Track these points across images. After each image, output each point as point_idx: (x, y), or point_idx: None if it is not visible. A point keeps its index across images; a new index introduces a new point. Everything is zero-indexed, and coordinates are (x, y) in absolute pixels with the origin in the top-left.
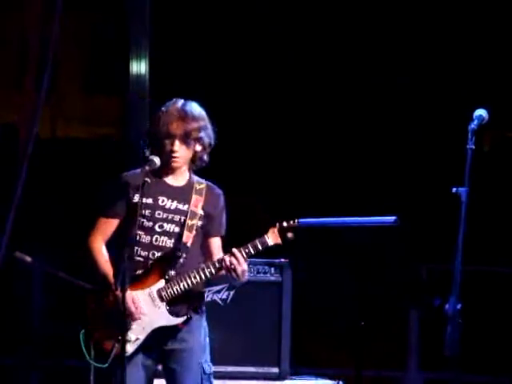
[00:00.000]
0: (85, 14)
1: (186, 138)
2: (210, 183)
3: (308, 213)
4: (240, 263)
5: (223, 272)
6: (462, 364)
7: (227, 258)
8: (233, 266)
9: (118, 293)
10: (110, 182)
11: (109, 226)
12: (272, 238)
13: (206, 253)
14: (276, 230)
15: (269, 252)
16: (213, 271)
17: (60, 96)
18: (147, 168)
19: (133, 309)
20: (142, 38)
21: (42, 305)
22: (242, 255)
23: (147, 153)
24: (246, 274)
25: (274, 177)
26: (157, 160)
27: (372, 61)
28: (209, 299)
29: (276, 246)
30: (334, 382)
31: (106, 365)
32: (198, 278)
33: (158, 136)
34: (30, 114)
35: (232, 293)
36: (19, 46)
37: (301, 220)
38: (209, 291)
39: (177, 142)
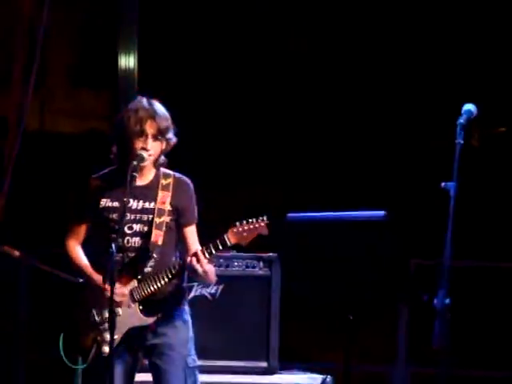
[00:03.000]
0: (73, 7)
1: (158, 137)
2: (177, 175)
3: (297, 207)
4: (201, 264)
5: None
6: (450, 359)
7: (189, 259)
8: (195, 267)
9: (106, 288)
10: (80, 186)
11: (81, 230)
12: (232, 237)
13: (184, 244)
14: (235, 229)
15: (257, 246)
16: (178, 272)
17: (48, 90)
18: (135, 163)
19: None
20: (130, 32)
21: (28, 299)
22: (205, 255)
23: (113, 151)
24: (212, 274)
25: (263, 173)
26: (145, 155)
27: (361, 57)
28: (198, 293)
29: (238, 245)
30: (322, 376)
31: (85, 365)
32: (166, 278)
33: (128, 135)
34: (17, 103)
35: (221, 287)
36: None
37: (290, 215)
38: (198, 286)
39: (150, 141)
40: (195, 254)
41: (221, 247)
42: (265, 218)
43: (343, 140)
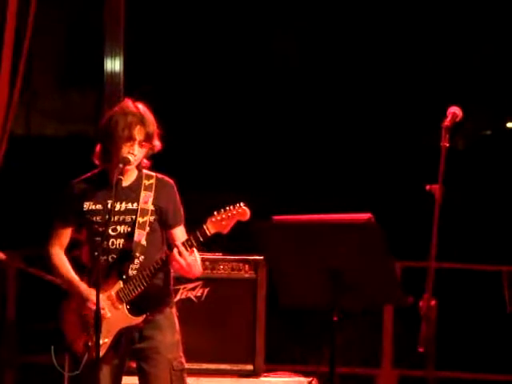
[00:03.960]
0: (59, 10)
1: (145, 142)
2: (160, 176)
3: (282, 210)
4: (184, 257)
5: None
6: (436, 361)
7: (172, 253)
8: (178, 261)
9: (89, 295)
10: (62, 190)
11: (63, 234)
12: (211, 227)
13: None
14: (214, 218)
15: (243, 249)
16: (161, 267)
17: (34, 93)
18: (121, 166)
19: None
20: (116, 35)
21: (16, 301)
22: (186, 248)
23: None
24: (196, 267)
25: (248, 174)
26: (131, 158)
27: (347, 60)
28: (183, 297)
29: (219, 233)
30: (307, 379)
31: (78, 372)
32: (150, 274)
33: (116, 139)
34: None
35: (207, 290)
36: None
37: (275, 217)
38: (183, 288)
39: (136, 146)
40: (176, 247)
41: (201, 238)
42: (242, 204)
43: (330, 143)
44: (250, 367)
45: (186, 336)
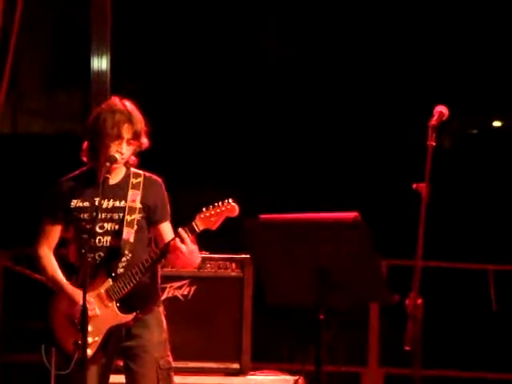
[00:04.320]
0: (46, 8)
1: (133, 140)
2: (148, 174)
3: (269, 209)
4: (186, 243)
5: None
6: (422, 359)
7: (173, 241)
8: (180, 247)
9: (76, 296)
10: (50, 189)
11: (52, 233)
12: (200, 223)
13: (160, 241)
14: (202, 215)
15: (230, 248)
16: (151, 265)
17: (21, 91)
18: (108, 164)
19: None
20: (103, 33)
21: (2, 300)
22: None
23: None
24: (197, 256)
25: (235, 173)
26: (118, 156)
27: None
28: (170, 295)
29: (207, 229)
30: (294, 377)
31: (68, 370)
32: (140, 273)
33: (104, 137)
34: None
35: (193, 288)
36: None
37: (262, 216)
38: (170, 287)
39: (124, 145)
40: (178, 235)
41: (190, 235)
42: (230, 201)
43: (316, 141)
44: (236, 365)
45: (173, 334)
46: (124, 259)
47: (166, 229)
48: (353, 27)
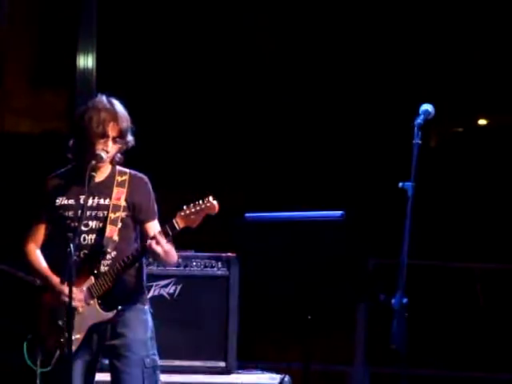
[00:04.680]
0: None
1: (118, 138)
2: (133, 172)
3: (256, 208)
4: (161, 245)
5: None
6: (408, 358)
7: (148, 242)
8: (155, 249)
9: (62, 288)
10: (37, 187)
11: (39, 231)
12: (180, 221)
13: (146, 240)
14: (183, 213)
15: (216, 246)
16: (132, 260)
17: (7, 90)
18: (93, 162)
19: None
20: (89, 32)
21: None
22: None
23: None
24: (173, 255)
25: (223, 172)
26: (104, 154)
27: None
28: (156, 294)
29: (188, 228)
30: (280, 376)
31: (50, 367)
32: (120, 267)
33: (90, 136)
34: None
35: (179, 287)
36: None
37: (248, 215)
38: (156, 285)
39: (110, 143)
40: (154, 237)
41: (170, 232)
42: (210, 198)
43: (301, 140)
44: (222, 364)
45: (158, 333)
46: (108, 257)
47: (154, 228)
48: (337, 28)
